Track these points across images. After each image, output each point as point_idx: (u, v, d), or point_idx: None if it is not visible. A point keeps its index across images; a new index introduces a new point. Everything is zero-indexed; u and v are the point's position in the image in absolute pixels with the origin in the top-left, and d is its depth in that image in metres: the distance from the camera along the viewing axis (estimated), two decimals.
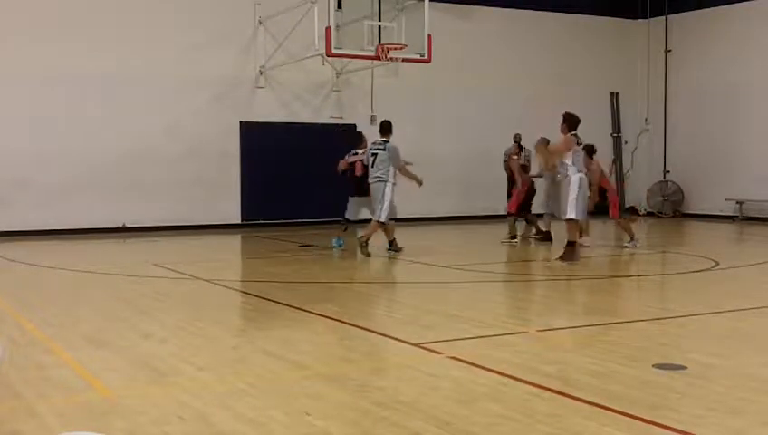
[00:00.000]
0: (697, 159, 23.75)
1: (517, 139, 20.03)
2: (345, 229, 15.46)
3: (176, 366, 6.70)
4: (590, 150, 14.58)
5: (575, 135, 12.95)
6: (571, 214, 12.85)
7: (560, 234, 14.39)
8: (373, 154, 14.40)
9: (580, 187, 12.82)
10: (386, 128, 14.62)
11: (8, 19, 18.09)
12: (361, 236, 14.52)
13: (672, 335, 8.09)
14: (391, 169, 14.26)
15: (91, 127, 18.70)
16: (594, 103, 24.72)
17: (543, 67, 23.60)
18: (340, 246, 15.40)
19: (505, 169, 17.73)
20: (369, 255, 14.15)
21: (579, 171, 12.92)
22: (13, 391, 5.96)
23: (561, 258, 12.96)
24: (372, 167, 14.37)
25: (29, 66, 18.08)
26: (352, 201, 15.34)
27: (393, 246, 14.73)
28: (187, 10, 19.63)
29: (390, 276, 13.32)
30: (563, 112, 13.10)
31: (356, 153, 15.19)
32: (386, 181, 14.22)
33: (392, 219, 14.65)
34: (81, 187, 18.62)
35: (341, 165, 15.34)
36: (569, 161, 12.91)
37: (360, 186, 14.91)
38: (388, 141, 14.44)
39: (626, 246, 15.19)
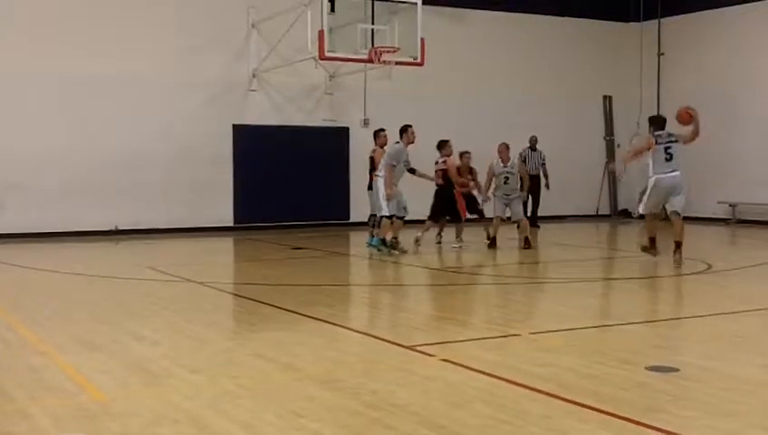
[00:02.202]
0: (690, 162, 23.46)
1: (532, 141, 20.02)
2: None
3: (168, 369, 6.70)
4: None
5: (657, 135, 13.21)
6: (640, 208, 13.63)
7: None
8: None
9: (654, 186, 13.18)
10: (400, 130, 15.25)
11: (5, 23, 18.05)
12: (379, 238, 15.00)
13: (665, 338, 8.10)
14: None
15: (85, 130, 18.65)
16: (587, 106, 24.77)
17: (536, 70, 23.62)
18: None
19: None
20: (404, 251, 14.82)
21: (656, 173, 13.16)
22: (5, 394, 5.95)
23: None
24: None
25: (24, 69, 18.03)
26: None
27: (389, 244, 14.90)
28: (180, 14, 19.59)
29: (383, 279, 13.31)
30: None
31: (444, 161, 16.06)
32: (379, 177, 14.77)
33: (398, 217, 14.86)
34: (74, 189, 18.57)
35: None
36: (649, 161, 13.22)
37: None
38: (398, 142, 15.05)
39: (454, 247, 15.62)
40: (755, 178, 21.88)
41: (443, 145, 16.23)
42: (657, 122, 13.52)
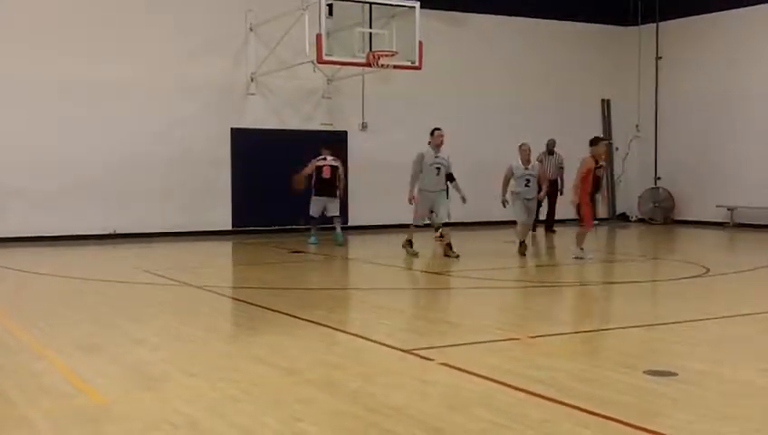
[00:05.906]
0: (688, 165, 23.80)
1: (550, 145, 19.90)
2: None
3: (167, 372, 6.70)
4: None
5: None
6: None
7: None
8: (437, 167, 15.24)
9: None
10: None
11: (5, 28, 18.05)
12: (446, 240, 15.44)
13: (663, 342, 8.10)
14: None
15: (84, 134, 18.64)
16: (585, 110, 24.78)
17: (535, 74, 23.64)
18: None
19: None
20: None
21: None
22: (4, 398, 5.96)
23: None
24: (438, 176, 15.29)
25: (23, 74, 18.04)
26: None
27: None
28: (178, 18, 19.59)
29: (381, 283, 13.32)
30: None
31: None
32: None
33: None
34: (73, 194, 18.55)
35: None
36: None
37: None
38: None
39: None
40: (753, 182, 21.91)
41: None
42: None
